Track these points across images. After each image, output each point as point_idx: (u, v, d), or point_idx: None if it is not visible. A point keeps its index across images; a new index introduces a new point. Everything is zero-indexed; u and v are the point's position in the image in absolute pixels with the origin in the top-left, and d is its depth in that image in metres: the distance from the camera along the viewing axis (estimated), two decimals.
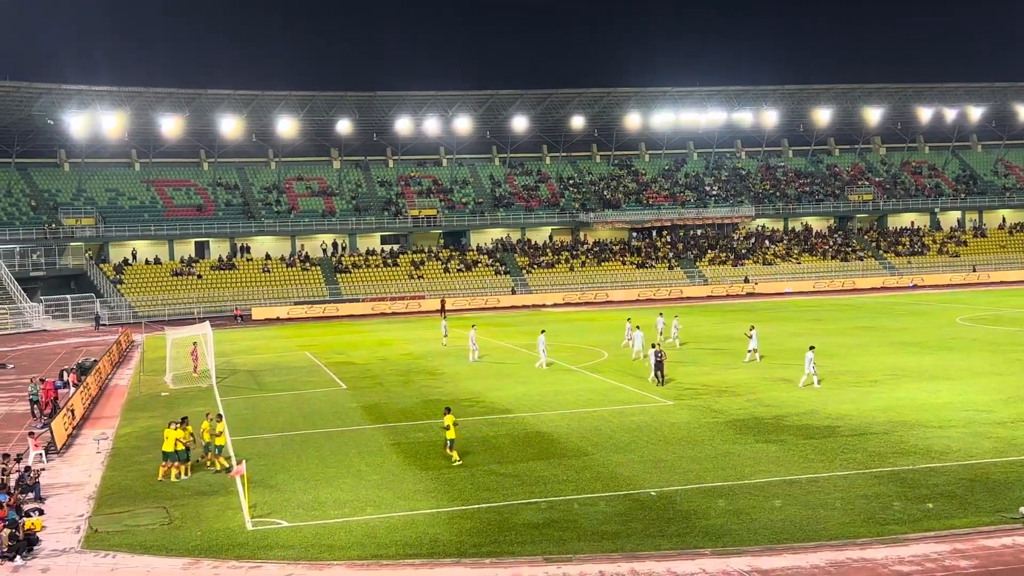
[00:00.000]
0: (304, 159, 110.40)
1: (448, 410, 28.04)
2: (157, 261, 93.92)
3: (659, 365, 38.96)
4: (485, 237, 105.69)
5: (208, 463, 27.52)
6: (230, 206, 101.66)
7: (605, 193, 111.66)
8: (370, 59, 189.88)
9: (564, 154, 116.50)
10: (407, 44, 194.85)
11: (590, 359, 48.05)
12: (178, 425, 26.99)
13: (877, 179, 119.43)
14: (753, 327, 47.20)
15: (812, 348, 38.26)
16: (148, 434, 33.10)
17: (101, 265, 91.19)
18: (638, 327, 48.33)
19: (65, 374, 44.02)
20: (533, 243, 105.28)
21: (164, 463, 26.75)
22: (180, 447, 26.59)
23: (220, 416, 29.85)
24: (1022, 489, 22.32)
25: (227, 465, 27.06)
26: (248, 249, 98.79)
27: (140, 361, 53.11)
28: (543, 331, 48.11)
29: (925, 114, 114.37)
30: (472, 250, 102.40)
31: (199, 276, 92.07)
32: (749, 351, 45.37)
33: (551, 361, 46.16)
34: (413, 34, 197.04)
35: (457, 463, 26.64)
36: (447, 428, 27.28)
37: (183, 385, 44.35)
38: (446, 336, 58.54)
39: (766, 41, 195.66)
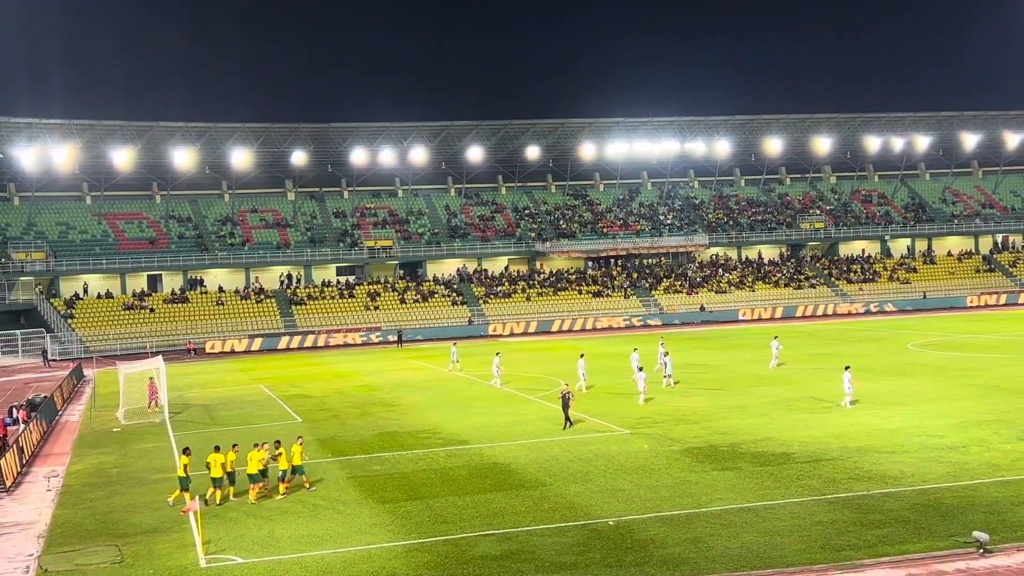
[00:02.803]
0: (258, 191, 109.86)
1: (278, 443, 28.58)
2: (109, 295, 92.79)
3: (566, 406, 36.55)
4: (441, 268, 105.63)
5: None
6: (183, 239, 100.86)
7: (561, 223, 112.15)
8: (325, 91, 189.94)
9: (519, 184, 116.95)
10: (362, 76, 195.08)
11: (547, 388, 48.06)
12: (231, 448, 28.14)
13: (828, 207, 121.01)
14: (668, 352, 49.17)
15: (848, 368, 38.96)
16: (99, 471, 32.63)
17: (52, 299, 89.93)
18: (635, 349, 48.97)
19: (15, 411, 43.27)
20: (489, 273, 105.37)
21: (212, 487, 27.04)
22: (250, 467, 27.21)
23: (278, 442, 28.86)
24: (975, 513, 22.56)
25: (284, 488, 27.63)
26: (202, 282, 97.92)
27: (91, 396, 52.34)
28: (582, 355, 48.88)
29: (874, 143, 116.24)
30: (428, 281, 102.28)
31: (152, 310, 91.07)
32: (665, 376, 47.04)
33: (585, 386, 46.40)
34: (368, 66, 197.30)
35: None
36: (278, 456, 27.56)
37: (135, 421, 43.74)
38: (456, 362, 59.06)
39: (718, 72, 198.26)
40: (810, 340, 70.23)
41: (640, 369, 43.45)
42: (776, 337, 55.26)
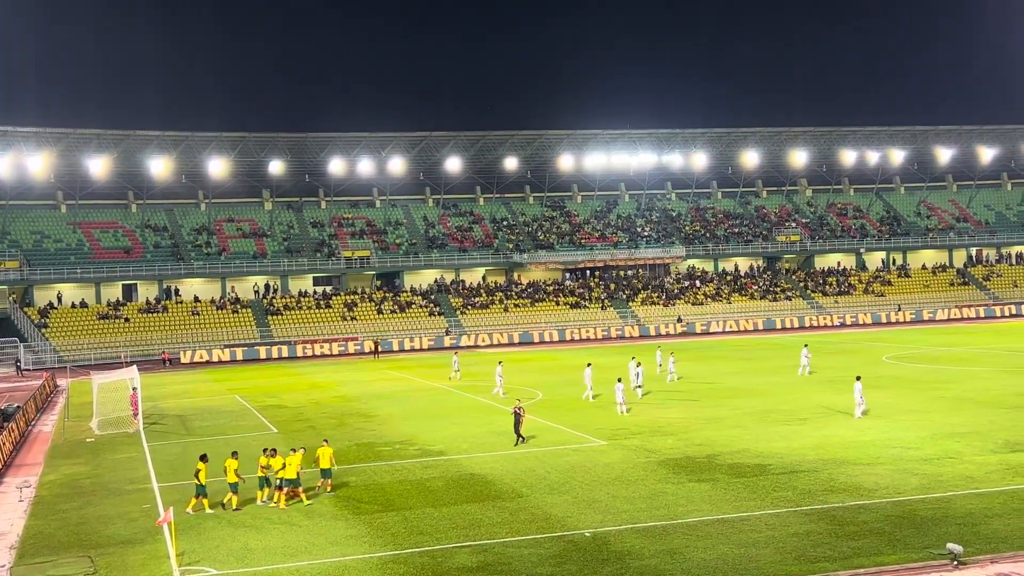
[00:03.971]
0: (235, 200, 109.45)
1: (272, 451, 28.52)
2: (83, 304, 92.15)
3: (517, 423, 35.59)
4: (419, 278, 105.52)
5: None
6: (159, 248, 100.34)
7: (538, 234, 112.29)
8: (303, 100, 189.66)
9: (497, 195, 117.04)
10: (341, 85, 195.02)
11: (524, 399, 47.94)
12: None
13: (804, 220, 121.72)
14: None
15: (859, 379, 39.33)
16: (72, 481, 32.35)
17: (25, 309, 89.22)
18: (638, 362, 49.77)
19: None
20: (467, 284, 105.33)
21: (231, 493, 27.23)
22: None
23: (274, 450, 28.80)
24: (948, 525, 22.68)
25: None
26: (177, 291, 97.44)
27: (65, 407, 51.90)
28: (589, 364, 49.10)
29: (849, 157, 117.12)
30: (406, 291, 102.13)
31: (126, 319, 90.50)
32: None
33: (592, 395, 46.79)
34: (347, 76, 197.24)
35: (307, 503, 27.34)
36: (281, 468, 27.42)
37: (109, 431, 43.41)
38: (457, 371, 59.59)
39: (696, 85, 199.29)
40: (785, 352, 70.48)
41: (619, 380, 43.50)
42: (806, 345, 56.95)
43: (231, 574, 21.35)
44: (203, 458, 27.99)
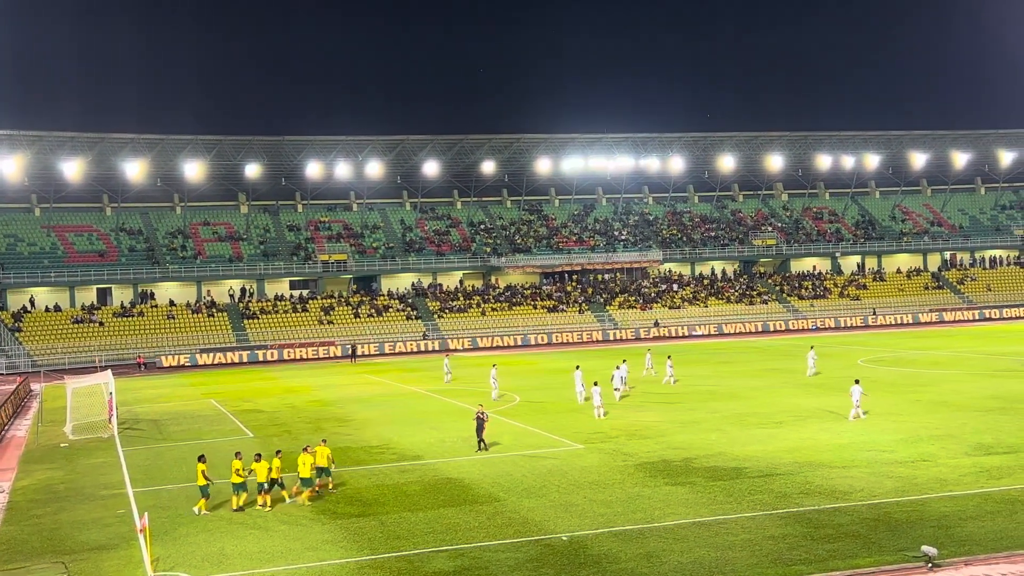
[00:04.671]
0: (211, 204, 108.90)
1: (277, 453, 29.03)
2: (57, 308, 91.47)
3: (479, 428, 35.06)
4: (396, 282, 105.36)
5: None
6: (134, 252, 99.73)
7: (516, 238, 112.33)
8: (279, 103, 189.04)
9: (475, 199, 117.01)
10: (317, 88, 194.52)
11: (501, 403, 48.01)
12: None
13: (780, 224, 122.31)
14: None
15: (857, 381, 39.82)
16: (46, 487, 32.09)
17: None
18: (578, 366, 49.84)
19: None
20: (444, 288, 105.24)
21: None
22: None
23: (259, 455, 28.85)
24: (923, 528, 22.83)
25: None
26: (152, 295, 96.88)
27: (39, 411, 51.48)
28: (577, 366, 49.22)
29: (825, 161, 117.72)
30: (383, 295, 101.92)
31: (101, 323, 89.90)
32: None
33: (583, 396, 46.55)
34: (324, 79, 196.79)
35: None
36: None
37: (83, 436, 43.09)
38: (449, 373, 59.80)
39: (673, 89, 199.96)
40: (762, 355, 70.87)
41: (596, 383, 43.53)
42: (812, 347, 58.20)
43: None
44: (201, 459, 28.00)
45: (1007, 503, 24.82)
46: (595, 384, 43.22)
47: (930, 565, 20.02)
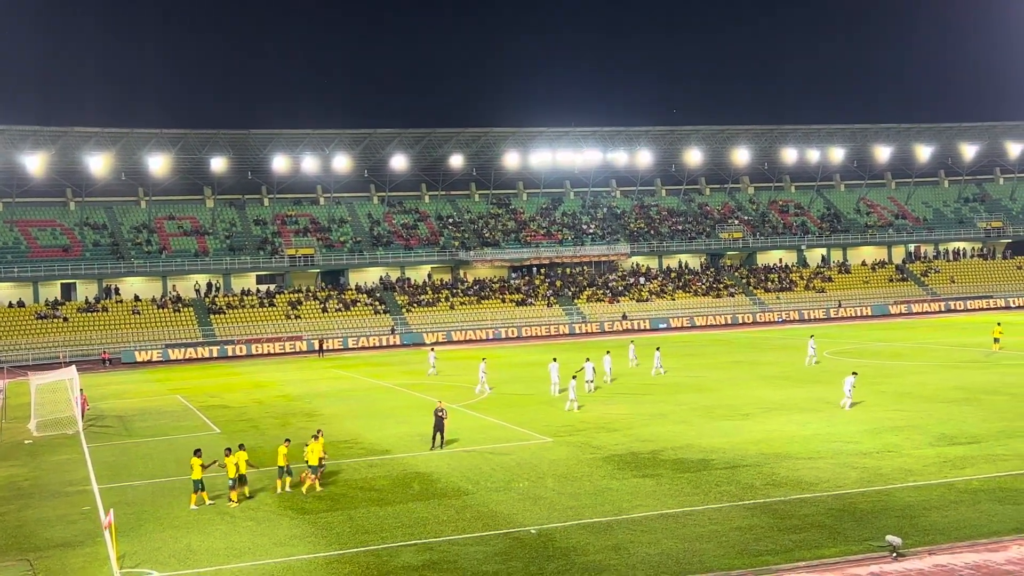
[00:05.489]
0: (176, 198, 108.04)
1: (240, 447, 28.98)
2: (20, 304, 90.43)
3: (439, 425, 34.47)
4: (364, 276, 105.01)
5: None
6: (98, 246, 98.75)
7: (484, 232, 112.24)
8: (245, 96, 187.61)
9: (443, 193, 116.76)
10: (284, 81, 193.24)
11: (470, 397, 48.02)
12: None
13: (746, 218, 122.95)
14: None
15: (855, 374, 40.42)
16: (10, 483, 31.77)
17: None
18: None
19: None
20: (412, 282, 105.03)
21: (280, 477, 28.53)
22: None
23: (229, 450, 28.56)
24: (888, 518, 23.06)
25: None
26: (117, 291, 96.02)
27: (2, 408, 50.92)
28: (555, 359, 49.40)
29: (790, 155, 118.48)
30: (351, 289, 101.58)
31: (65, 319, 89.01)
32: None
33: (558, 389, 46.70)
34: (290, 71, 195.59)
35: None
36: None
37: (48, 432, 42.69)
38: (433, 366, 60.21)
39: (640, 82, 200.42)
40: (728, 348, 71.27)
41: (574, 377, 43.71)
42: (812, 336, 59.63)
43: None
44: (197, 453, 27.85)
45: (970, 493, 25.12)
46: (573, 377, 43.31)
47: (895, 555, 20.23)
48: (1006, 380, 45.93)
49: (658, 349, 56.61)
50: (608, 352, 53.37)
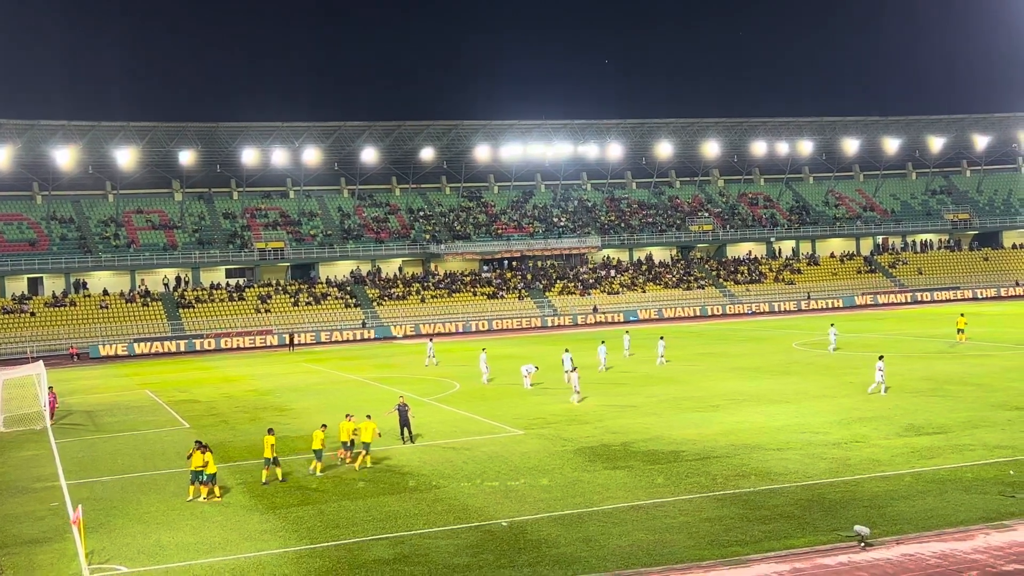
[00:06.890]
0: (144, 191, 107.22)
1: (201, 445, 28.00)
2: None
3: (404, 420, 34.30)
4: (335, 270, 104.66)
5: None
6: (65, 240, 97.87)
7: (455, 225, 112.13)
8: (214, 89, 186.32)
9: (414, 186, 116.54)
10: (253, 74, 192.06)
11: (441, 390, 47.99)
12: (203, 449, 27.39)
13: (716, 210, 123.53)
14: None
15: (881, 358, 41.10)
16: None
17: None
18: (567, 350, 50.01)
19: None
20: (384, 275, 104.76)
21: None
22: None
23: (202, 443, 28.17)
24: (856, 508, 23.25)
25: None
26: (85, 285, 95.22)
27: None
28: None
29: (760, 147, 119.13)
30: (321, 283, 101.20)
31: (32, 314, 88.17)
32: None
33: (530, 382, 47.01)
34: (259, 64, 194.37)
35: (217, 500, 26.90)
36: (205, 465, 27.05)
37: (15, 428, 42.28)
38: (431, 357, 60.34)
39: (611, 76, 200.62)
40: (698, 340, 71.57)
41: (574, 369, 43.76)
42: (833, 324, 61.20)
43: (143, 572, 20.98)
44: (198, 444, 27.63)
45: (937, 482, 25.36)
46: (574, 370, 43.27)
47: (863, 544, 20.40)
48: (972, 371, 46.39)
49: (662, 338, 57.05)
50: (603, 342, 53.96)
